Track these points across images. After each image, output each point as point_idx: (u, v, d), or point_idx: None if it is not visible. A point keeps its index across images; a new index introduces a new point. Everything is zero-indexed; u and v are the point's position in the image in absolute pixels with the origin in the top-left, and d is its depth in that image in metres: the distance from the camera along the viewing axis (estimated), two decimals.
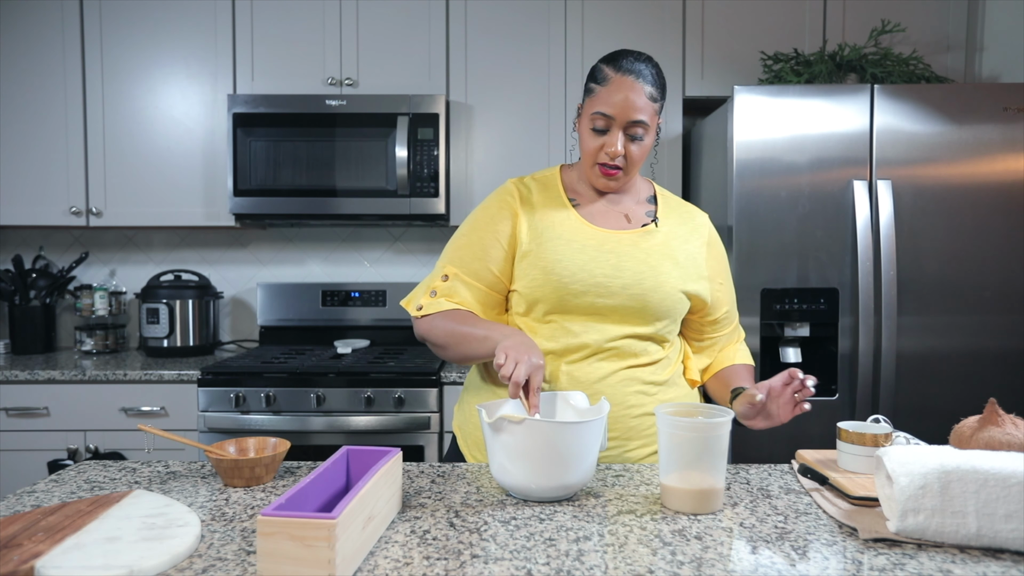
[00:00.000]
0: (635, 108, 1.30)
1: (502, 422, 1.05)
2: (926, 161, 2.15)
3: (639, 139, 1.33)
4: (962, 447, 1.07)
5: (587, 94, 1.36)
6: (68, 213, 2.69)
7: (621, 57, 1.33)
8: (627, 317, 1.33)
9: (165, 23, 2.68)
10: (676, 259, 1.38)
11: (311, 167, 2.60)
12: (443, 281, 1.39)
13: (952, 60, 2.69)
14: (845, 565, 0.86)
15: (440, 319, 1.35)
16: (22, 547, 0.84)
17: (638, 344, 1.35)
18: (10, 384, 2.40)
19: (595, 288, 1.31)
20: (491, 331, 1.28)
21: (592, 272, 1.32)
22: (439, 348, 1.37)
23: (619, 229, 1.39)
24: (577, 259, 1.32)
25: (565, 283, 1.31)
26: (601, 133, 1.33)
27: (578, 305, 1.32)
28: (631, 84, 1.30)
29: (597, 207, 1.41)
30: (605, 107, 1.31)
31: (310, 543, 0.78)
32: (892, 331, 2.13)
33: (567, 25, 2.69)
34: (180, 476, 1.20)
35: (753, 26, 2.69)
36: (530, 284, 1.34)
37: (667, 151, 2.71)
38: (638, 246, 1.36)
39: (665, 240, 1.39)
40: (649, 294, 1.33)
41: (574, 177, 1.45)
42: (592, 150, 1.35)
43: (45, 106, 2.68)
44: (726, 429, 1.04)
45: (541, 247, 1.34)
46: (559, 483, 1.06)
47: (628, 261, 1.34)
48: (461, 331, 1.32)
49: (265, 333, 2.94)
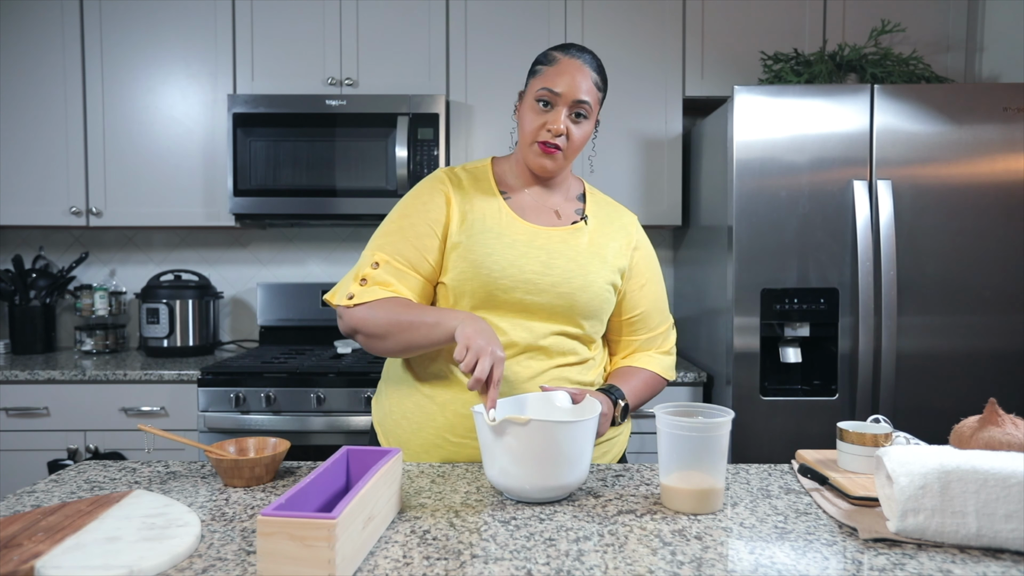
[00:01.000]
0: (581, 88, 1.30)
1: (506, 424, 1.03)
2: (926, 161, 2.15)
3: (582, 119, 1.33)
4: (962, 447, 1.07)
5: (532, 75, 1.35)
6: (68, 213, 2.69)
7: (570, 45, 1.35)
8: (555, 315, 1.32)
9: (165, 23, 2.68)
10: (605, 257, 1.37)
11: (311, 167, 2.60)
12: (373, 269, 1.31)
13: (952, 60, 2.69)
14: (845, 565, 0.86)
15: (377, 308, 1.26)
16: (22, 547, 0.84)
17: (567, 342, 1.34)
18: (10, 384, 2.40)
19: (524, 285, 1.30)
20: (442, 316, 1.22)
21: (522, 268, 1.30)
22: (375, 339, 1.27)
23: (549, 225, 1.37)
24: (507, 254, 1.30)
25: (495, 278, 1.29)
26: (545, 111, 1.32)
27: (506, 301, 1.30)
28: (579, 66, 1.32)
29: (528, 201, 1.39)
30: (552, 84, 1.30)
31: (310, 543, 0.78)
32: (892, 331, 2.13)
33: (567, 25, 2.69)
34: (180, 476, 1.20)
35: (753, 26, 2.69)
36: (458, 277, 1.30)
37: (667, 151, 2.71)
38: (568, 243, 1.35)
39: (593, 238, 1.38)
40: (578, 293, 1.32)
41: (506, 169, 1.42)
42: (535, 128, 1.32)
43: (45, 106, 2.68)
44: (726, 429, 1.04)
45: (471, 239, 1.31)
46: (562, 482, 1.06)
47: (558, 259, 1.33)
48: (405, 319, 1.24)
49: (265, 333, 2.94)
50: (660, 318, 1.48)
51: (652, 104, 2.70)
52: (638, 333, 1.46)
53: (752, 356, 2.18)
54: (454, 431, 1.30)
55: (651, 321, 1.46)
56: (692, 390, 2.45)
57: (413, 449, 1.34)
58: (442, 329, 1.20)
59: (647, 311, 1.45)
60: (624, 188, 2.71)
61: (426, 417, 1.32)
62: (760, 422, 2.18)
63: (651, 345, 1.47)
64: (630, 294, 1.42)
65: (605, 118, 2.70)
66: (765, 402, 2.18)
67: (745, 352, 2.18)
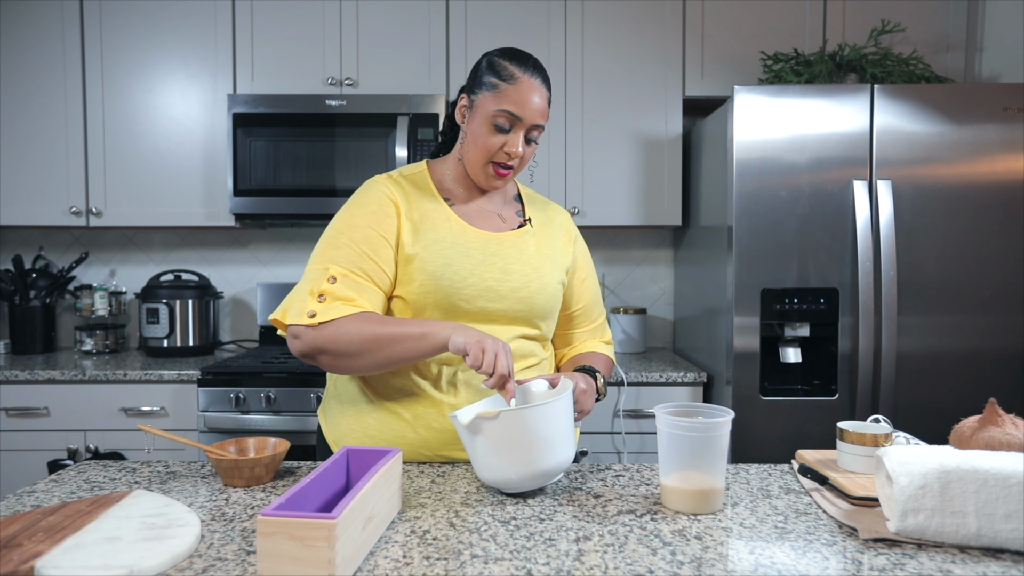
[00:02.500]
0: (540, 111, 1.29)
1: (479, 421, 1.05)
2: (926, 161, 2.15)
3: (534, 141, 1.32)
4: (962, 447, 1.07)
5: (488, 88, 1.28)
6: (68, 213, 2.69)
7: (524, 57, 1.30)
8: (515, 320, 1.32)
9: (165, 23, 2.68)
10: (554, 259, 1.39)
11: (311, 167, 2.60)
12: (331, 283, 1.22)
13: (952, 60, 2.69)
14: (845, 565, 0.86)
15: (346, 324, 1.19)
16: (22, 547, 0.84)
17: (527, 344, 1.35)
18: (10, 384, 2.40)
19: (486, 293, 1.29)
20: (428, 328, 1.18)
21: (482, 276, 1.29)
22: (345, 358, 1.20)
23: (497, 231, 1.36)
24: (465, 263, 1.28)
25: (457, 288, 1.27)
26: (503, 132, 1.29)
27: (468, 311, 1.28)
28: (537, 86, 1.28)
29: (472, 208, 1.37)
30: (514, 107, 1.26)
31: (310, 543, 0.78)
32: (892, 331, 2.13)
33: (567, 25, 2.69)
34: (180, 476, 1.20)
35: (753, 26, 2.69)
36: (419, 290, 1.26)
37: (667, 151, 2.71)
38: (518, 248, 1.35)
39: (539, 240, 1.39)
40: (536, 296, 1.33)
41: (444, 174, 1.38)
42: (491, 148, 1.29)
43: (45, 106, 2.68)
44: (726, 429, 1.04)
45: (427, 250, 1.27)
46: (546, 466, 1.07)
47: (514, 264, 1.33)
48: (385, 333, 1.18)
49: (265, 333, 2.94)
50: (598, 310, 1.53)
51: (652, 104, 2.70)
52: (581, 326, 1.50)
53: (752, 356, 2.18)
54: (428, 446, 1.29)
55: (592, 313, 1.50)
56: (692, 390, 2.45)
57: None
58: (431, 340, 1.18)
59: (588, 304, 1.49)
60: (624, 188, 2.71)
61: (395, 434, 1.29)
62: (760, 422, 2.18)
63: (594, 336, 1.52)
64: (574, 289, 1.46)
65: (605, 118, 2.70)
66: (765, 402, 2.18)
67: (745, 352, 2.18)
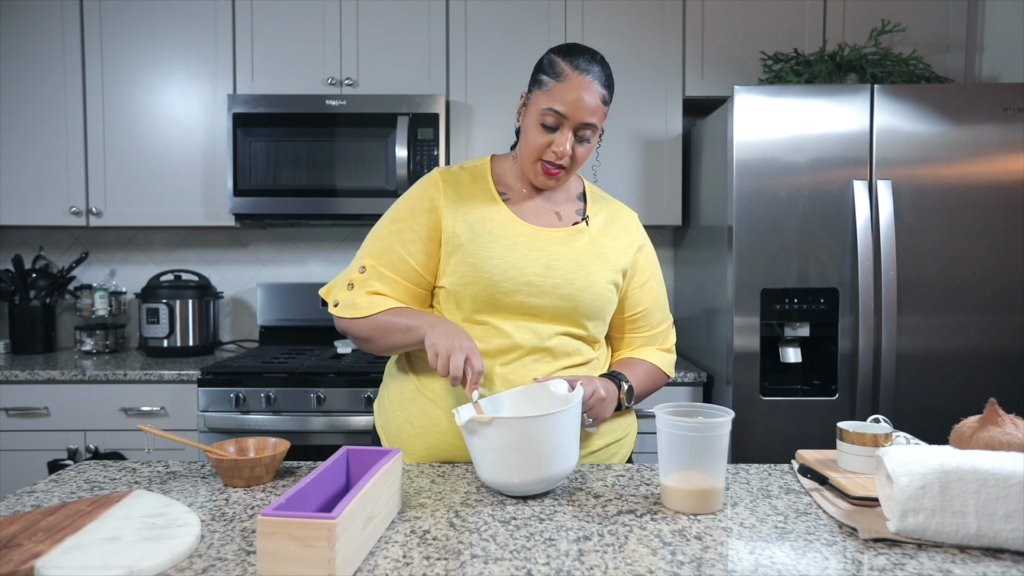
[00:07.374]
0: (589, 110, 1.26)
1: (473, 424, 1.06)
2: (926, 161, 2.15)
3: (586, 140, 1.30)
4: (962, 447, 1.07)
5: (537, 86, 1.30)
6: (68, 213, 2.69)
7: (577, 54, 1.28)
8: (558, 317, 1.31)
9: (165, 23, 2.68)
10: (606, 257, 1.36)
11: (311, 167, 2.60)
12: (360, 273, 1.34)
13: (952, 60, 2.69)
14: (845, 565, 0.86)
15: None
16: (22, 547, 0.84)
17: (572, 343, 1.34)
18: (10, 384, 2.40)
19: (526, 287, 1.29)
20: (413, 321, 1.26)
21: (523, 271, 1.29)
22: (362, 342, 1.33)
23: (550, 227, 1.36)
24: (508, 257, 1.29)
25: (496, 281, 1.28)
26: (550, 131, 1.28)
27: (508, 304, 1.29)
28: (587, 84, 1.26)
29: (528, 203, 1.37)
30: (559, 105, 1.26)
31: (310, 543, 0.78)
32: (892, 331, 2.13)
33: (567, 25, 2.69)
34: (180, 476, 1.20)
35: (753, 26, 2.69)
36: (459, 281, 1.29)
37: (667, 151, 2.71)
38: (568, 245, 1.34)
39: (594, 238, 1.37)
40: (580, 294, 1.31)
41: (505, 169, 1.40)
42: (538, 146, 1.29)
43: (45, 106, 2.68)
44: (726, 429, 1.04)
45: (471, 242, 1.30)
46: (541, 476, 1.07)
47: (559, 260, 1.31)
48: (384, 322, 1.29)
49: (265, 333, 2.94)
50: (661, 315, 1.48)
51: (652, 104, 2.70)
52: (640, 331, 1.46)
53: (752, 356, 2.18)
54: (458, 434, 1.30)
55: (653, 319, 1.46)
56: (692, 390, 2.45)
57: (418, 454, 1.34)
58: (414, 334, 1.26)
59: (649, 308, 1.45)
60: (624, 188, 2.71)
61: (430, 422, 1.32)
62: (760, 422, 2.18)
63: (652, 342, 1.48)
64: (632, 292, 1.42)
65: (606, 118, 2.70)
66: (765, 402, 2.18)
67: (745, 352, 2.18)
